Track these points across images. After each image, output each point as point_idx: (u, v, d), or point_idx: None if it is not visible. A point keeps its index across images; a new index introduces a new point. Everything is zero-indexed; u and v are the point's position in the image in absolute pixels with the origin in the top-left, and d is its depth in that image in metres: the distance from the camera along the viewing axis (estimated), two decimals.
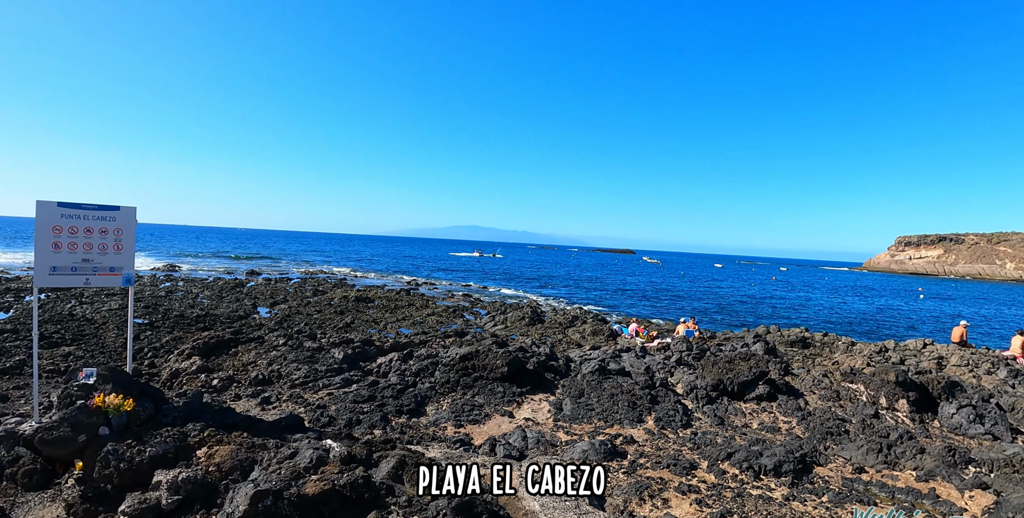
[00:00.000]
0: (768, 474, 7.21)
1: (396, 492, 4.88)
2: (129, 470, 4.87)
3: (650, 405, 10.17)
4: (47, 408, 9.19)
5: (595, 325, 20.56)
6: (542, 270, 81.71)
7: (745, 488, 6.76)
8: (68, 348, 14.47)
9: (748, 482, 6.98)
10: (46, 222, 6.04)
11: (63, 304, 21.73)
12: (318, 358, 11.69)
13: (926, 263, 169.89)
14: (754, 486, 6.87)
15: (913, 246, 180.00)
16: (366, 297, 28.93)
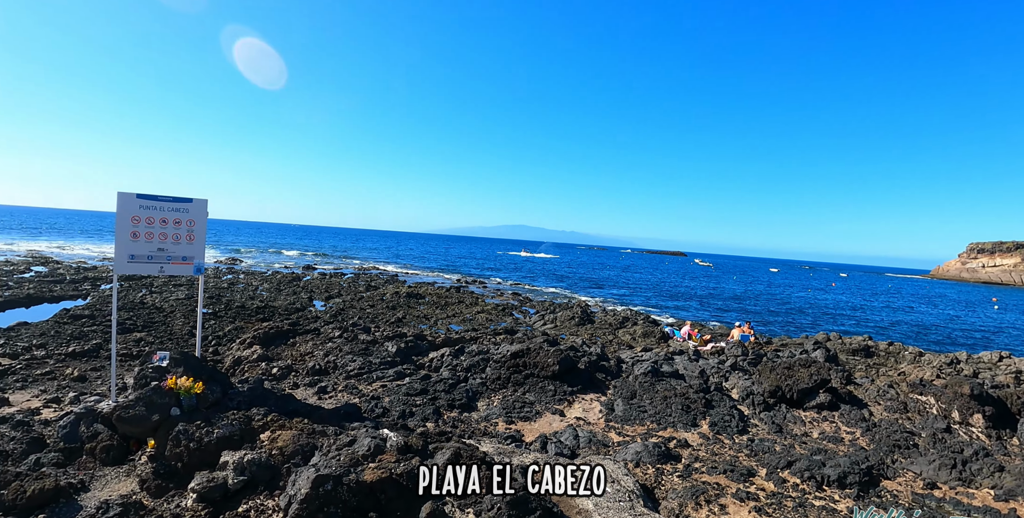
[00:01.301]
0: (832, 485, 6.91)
1: (451, 484, 4.91)
2: (198, 450, 5.08)
3: (704, 409, 9.93)
4: (122, 389, 9.71)
5: (646, 327, 20.23)
6: (592, 271, 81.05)
7: (807, 498, 6.50)
8: (139, 334, 15.24)
9: (810, 492, 6.71)
10: (126, 212, 6.37)
11: (135, 293, 22.92)
12: (372, 351, 11.93)
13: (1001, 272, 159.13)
14: (816, 497, 6.59)
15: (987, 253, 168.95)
16: (417, 293, 29.36)
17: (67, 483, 5.04)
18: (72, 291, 23.01)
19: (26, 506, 4.75)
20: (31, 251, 40.74)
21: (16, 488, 4.81)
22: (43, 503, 4.79)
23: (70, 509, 4.84)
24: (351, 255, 74.96)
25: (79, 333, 14.57)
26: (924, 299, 73.66)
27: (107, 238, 71.28)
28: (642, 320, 22.13)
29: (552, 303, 31.68)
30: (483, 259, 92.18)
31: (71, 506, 4.88)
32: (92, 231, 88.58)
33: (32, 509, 4.76)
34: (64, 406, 8.60)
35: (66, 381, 10.05)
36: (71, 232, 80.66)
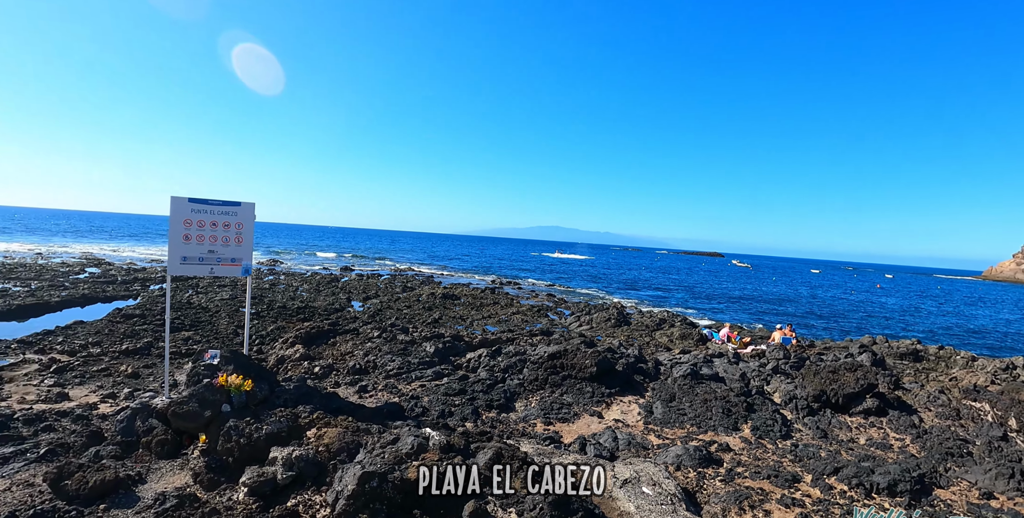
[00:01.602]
0: (881, 493, 6.71)
1: (493, 483, 4.95)
2: (248, 445, 5.24)
3: (746, 413, 9.75)
4: (173, 386, 10.07)
5: (683, 329, 19.95)
6: (626, 272, 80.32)
7: (855, 506, 6.33)
8: (187, 333, 15.76)
9: (858, 500, 6.53)
10: (178, 216, 6.60)
11: (182, 293, 23.69)
12: (411, 351, 12.08)
13: None
14: (865, 504, 6.41)
15: None
16: (453, 294, 29.58)
17: (125, 475, 5.25)
18: (123, 292, 23.93)
19: (88, 496, 4.97)
20: (84, 253, 42.50)
21: (79, 479, 5.04)
22: (104, 493, 5.01)
23: (129, 499, 5.05)
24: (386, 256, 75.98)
25: (131, 332, 15.14)
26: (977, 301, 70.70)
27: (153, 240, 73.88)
28: (679, 322, 21.83)
29: (587, 304, 31.53)
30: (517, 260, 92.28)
31: (129, 497, 5.09)
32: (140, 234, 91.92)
33: (94, 499, 4.98)
34: (119, 401, 8.98)
35: (120, 377, 10.47)
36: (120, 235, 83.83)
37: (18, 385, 9.77)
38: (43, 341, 13.32)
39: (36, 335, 14.07)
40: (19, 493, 5.38)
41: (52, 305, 19.75)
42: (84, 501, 4.94)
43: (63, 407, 8.41)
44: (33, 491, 5.41)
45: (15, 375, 10.45)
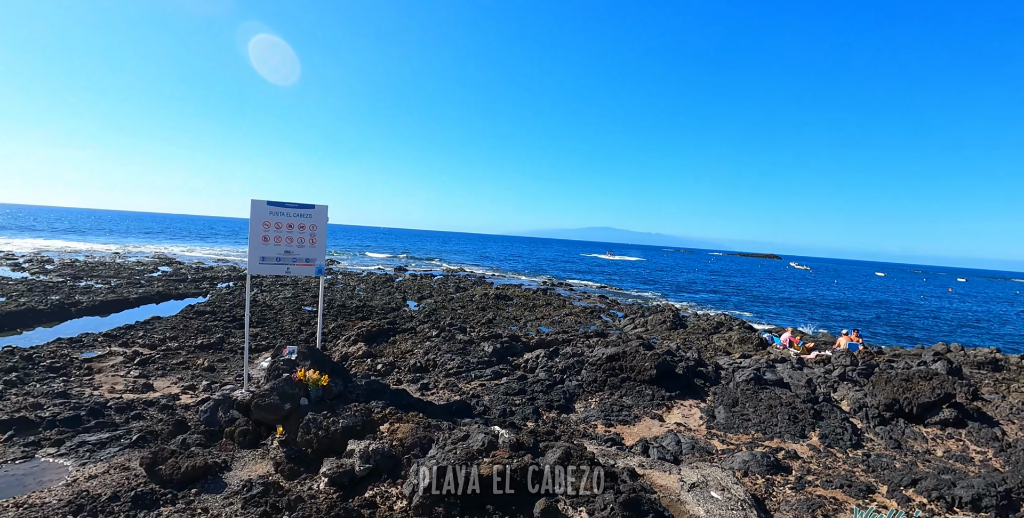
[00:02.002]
0: (964, 507, 6.40)
1: (563, 482, 5.00)
2: (326, 437, 5.46)
3: (813, 420, 9.47)
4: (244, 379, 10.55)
5: (742, 333, 19.47)
6: (679, 274, 78.85)
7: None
8: (254, 329, 16.44)
9: (939, 513, 6.26)
10: (258, 218, 6.94)
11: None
12: (469, 350, 12.26)
13: None
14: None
15: None
16: (505, 295, 29.78)
17: (212, 462, 5.57)
18: (194, 289, 25.14)
19: (180, 480, 5.30)
20: (157, 253, 44.88)
21: (172, 464, 5.38)
22: (194, 478, 5.33)
23: (216, 485, 5.36)
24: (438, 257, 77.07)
25: (204, 327, 15.92)
26: None
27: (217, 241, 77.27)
28: (737, 325, 21.32)
29: (640, 306, 31.17)
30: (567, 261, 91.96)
31: (217, 483, 5.39)
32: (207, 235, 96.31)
33: (185, 483, 5.31)
34: (199, 393, 9.49)
35: (198, 370, 11.04)
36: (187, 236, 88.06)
37: (107, 375, 10.45)
38: (126, 335, 14.16)
39: (119, 329, 14.96)
40: (117, 476, 5.79)
41: (131, 301, 20.95)
42: (177, 485, 5.27)
43: (149, 397, 8.96)
44: (129, 474, 5.80)
45: (103, 366, 11.17)
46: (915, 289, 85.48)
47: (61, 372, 10.50)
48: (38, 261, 31.71)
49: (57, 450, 6.59)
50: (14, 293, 19.69)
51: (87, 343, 13.10)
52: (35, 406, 8.07)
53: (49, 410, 7.80)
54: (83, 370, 10.74)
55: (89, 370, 10.80)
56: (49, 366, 10.71)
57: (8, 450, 6.57)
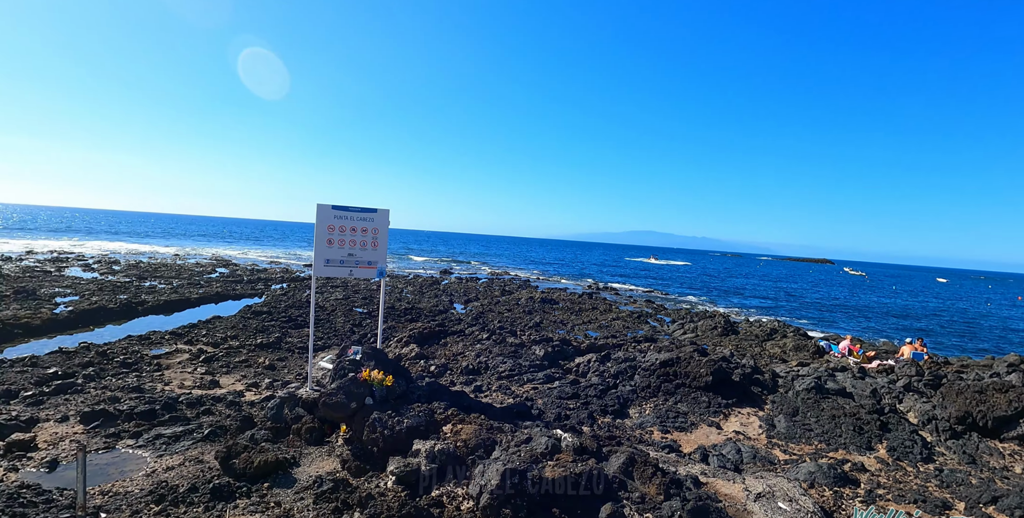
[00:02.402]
0: None
1: (628, 488, 4.96)
2: (391, 437, 5.57)
3: (880, 432, 9.12)
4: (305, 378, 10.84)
5: (797, 340, 18.89)
6: (727, 279, 77.06)
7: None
8: (308, 330, 16.91)
9: None
10: (323, 221, 7.14)
11: (300, 293, 25.41)
12: (521, 354, 12.29)
13: None
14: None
15: None
16: (551, 299, 29.72)
17: (282, 458, 5.75)
18: (250, 290, 26.00)
19: (253, 474, 5.49)
20: (214, 255, 46.59)
21: (245, 458, 5.58)
22: (266, 473, 5.51)
23: (286, 480, 5.53)
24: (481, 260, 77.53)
25: (262, 327, 16.45)
26: None
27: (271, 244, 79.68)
28: (791, 332, 20.69)
29: (688, 312, 30.63)
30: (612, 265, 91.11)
31: (287, 478, 5.57)
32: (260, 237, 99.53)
33: (258, 477, 5.50)
34: (261, 390, 9.81)
35: (259, 369, 11.42)
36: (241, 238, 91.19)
37: (175, 372, 10.92)
38: (190, 333, 14.76)
39: (183, 328, 15.61)
40: (192, 468, 6.04)
41: (192, 301, 21.82)
42: (250, 479, 5.46)
43: (216, 393, 9.32)
44: (203, 467, 6.05)
45: (171, 363, 11.67)
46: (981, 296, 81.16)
47: (133, 368, 11.03)
48: (106, 262, 33.38)
49: (136, 442, 6.92)
50: (86, 292, 20.79)
51: (155, 340, 13.72)
52: (113, 399, 8.51)
53: (126, 403, 8.21)
54: (153, 366, 11.26)
55: (158, 366, 11.31)
56: (122, 362, 11.26)
57: (92, 440, 6.94)
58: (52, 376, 9.69)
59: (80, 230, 79.50)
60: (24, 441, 6.80)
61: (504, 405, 7.57)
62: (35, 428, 7.40)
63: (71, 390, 8.98)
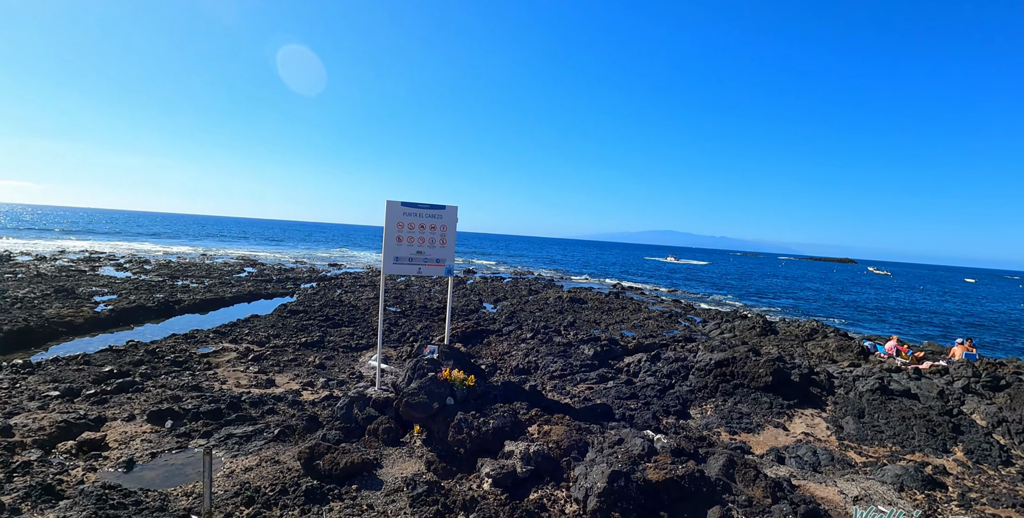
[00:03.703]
0: None
1: (733, 490, 4.79)
2: (478, 438, 5.45)
3: (953, 434, 8.84)
4: (358, 377, 10.77)
5: (839, 340, 18.50)
6: (750, 278, 76.16)
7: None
8: (347, 328, 16.88)
9: None
10: (393, 218, 7.03)
11: (332, 292, 25.47)
12: (570, 353, 12.14)
13: None
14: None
15: None
16: (579, 298, 29.51)
17: (365, 459, 5.64)
18: (281, 289, 26.10)
19: (339, 475, 5.39)
20: (240, 255, 46.91)
21: (329, 460, 5.49)
22: (352, 474, 5.41)
23: (372, 482, 5.42)
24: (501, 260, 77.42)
25: (301, 326, 16.45)
26: None
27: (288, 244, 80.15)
28: (832, 333, 20.28)
29: (718, 312, 30.27)
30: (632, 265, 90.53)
31: (373, 479, 5.46)
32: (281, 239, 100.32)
33: (343, 479, 5.40)
34: (317, 389, 9.74)
35: (311, 368, 11.38)
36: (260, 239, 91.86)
37: (227, 370, 10.91)
38: (232, 332, 14.79)
39: (225, 326, 15.66)
40: (271, 469, 5.95)
41: (226, 300, 21.93)
42: (336, 480, 5.36)
43: (274, 392, 9.27)
44: (282, 467, 5.96)
45: (220, 361, 11.68)
46: (1014, 296, 79.40)
47: (184, 366, 11.04)
48: (137, 261, 33.75)
49: (207, 441, 6.87)
50: (123, 291, 20.98)
51: (200, 339, 13.76)
52: (175, 398, 8.49)
53: (190, 402, 8.18)
54: (203, 364, 11.26)
55: (208, 364, 11.31)
56: (173, 360, 11.28)
57: (163, 440, 6.90)
58: (109, 374, 9.72)
59: (103, 231, 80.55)
60: (95, 440, 6.78)
61: (598, 405, 7.41)
62: (103, 427, 7.38)
63: (132, 389, 8.97)
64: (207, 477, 4.05)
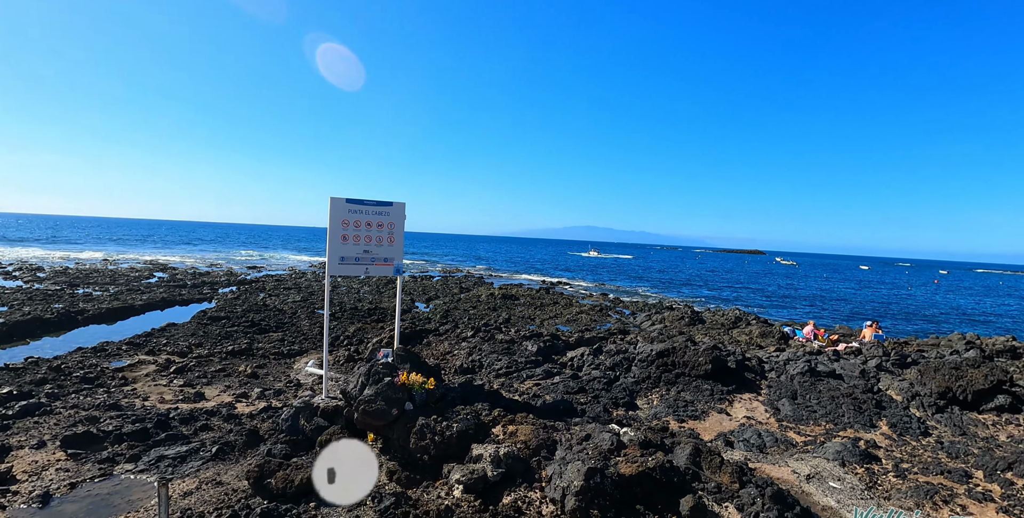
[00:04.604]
0: None
1: (702, 478, 4.85)
2: (443, 443, 5.23)
3: (877, 410, 9.46)
4: (296, 385, 10.23)
5: (762, 327, 19.52)
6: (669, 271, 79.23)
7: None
8: (276, 334, 16.06)
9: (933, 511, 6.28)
10: (337, 216, 6.66)
11: (254, 296, 24.23)
12: (514, 350, 12.06)
13: None
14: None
15: None
16: (511, 295, 29.59)
17: None
18: (197, 295, 24.56)
19: (294, 493, 5.03)
20: (148, 261, 43.72)
21: (282, 477, 5.11)
22: (308, 491, 5.06)
23: None
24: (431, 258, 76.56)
25: (225, 333, 15.49)
26: None
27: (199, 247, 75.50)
28: (754, 320, 21.38)
29: (646, 304, 31.23)
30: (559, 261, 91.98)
31: None
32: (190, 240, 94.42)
33: (299, 496, 5.04)
34: (253, 400, 9.14)
35: (242, 378, 10.68)
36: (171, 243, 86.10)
37: (148, 385, 10.05)
38: (148, 342, 13.71)
39: (140, 337, 14.50)
40: (213, 491, 5.48)
41: (137, 308, 20.36)
42: (291, 499, 5.00)
43: (205, 406, 8.60)
44: (226, 489, 5.51)
45: (137, 376, 10.76)
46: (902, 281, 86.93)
47: (97, 383, 10.10)
48: (28, 269, 30.76)
49: (135, 466, 6.25)
50: (15, 302, 19.02)
51: (111, 352, 12.65)
52: (91, 420, 7.69)
53: (109, 423, 7.44)
54: (118, 380, 10.34)
55: (124, 380, 10.39)
56: (83, 377, 10.29)
57: (83, 468, 6.21)
58: (8, 396, 8.69)
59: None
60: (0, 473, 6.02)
61: (560, 402, 7.32)
62: (8, 457, 6.56)
63: (38, 412, 8.06)
64: (163, 511, 3.61)
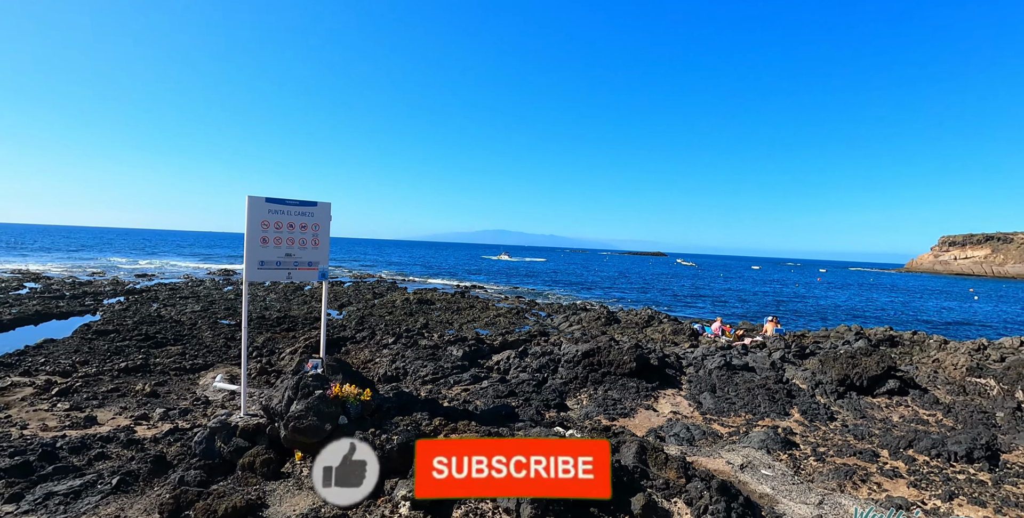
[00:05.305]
0: (960, 460, 7.10)
1: (650, 475, 4.86)
2: (383, 457, 4.91)
3: (788, 399, 10.05)
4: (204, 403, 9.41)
5: (673, 325, 20.37)
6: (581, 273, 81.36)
7: (946, 472, 6.74)
8: (174, 347, 14.78)
9: (944, 467, 6.89)
10: (255, 217, 6.15)
11: (147, 306, 22.30)
12: (439, 355, 11.78)
13: (972, 264, 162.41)
14: (954, 471, 6.78)
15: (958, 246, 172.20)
16: (426, 299, 29.12)
17: (248, 500, 4.82)
18: (79, 307, 22.24)
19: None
20: (15, 270, 39.10)
21: (204, 508, 4.59)
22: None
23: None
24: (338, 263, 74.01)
25: (115, 348, 14.07)
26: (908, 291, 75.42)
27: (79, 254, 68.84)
28: (666, 319, 22.27)
29: (560, 305, 31.75)
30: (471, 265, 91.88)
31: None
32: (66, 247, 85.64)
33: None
34: (155, 422, 8.27)
35: (140, 397, 9.67)
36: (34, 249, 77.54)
37: (25, 411, 8.85)
38: (22, 362, 12.16)
39: (11, 356, 12.81)
40: None
41: (4, 323, 18.10)
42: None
43: (99, 432, 7.65)
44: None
45: (11, 400, 9.47)
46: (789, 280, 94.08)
47: None
48: None
49: (18, 506, 5.40)
50: None
51: None
52: None
53: None
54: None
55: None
56: None
57: None
58: None
59: None
60: None
61: (501, 406, 7.11)
62: None
63: None
64: None
